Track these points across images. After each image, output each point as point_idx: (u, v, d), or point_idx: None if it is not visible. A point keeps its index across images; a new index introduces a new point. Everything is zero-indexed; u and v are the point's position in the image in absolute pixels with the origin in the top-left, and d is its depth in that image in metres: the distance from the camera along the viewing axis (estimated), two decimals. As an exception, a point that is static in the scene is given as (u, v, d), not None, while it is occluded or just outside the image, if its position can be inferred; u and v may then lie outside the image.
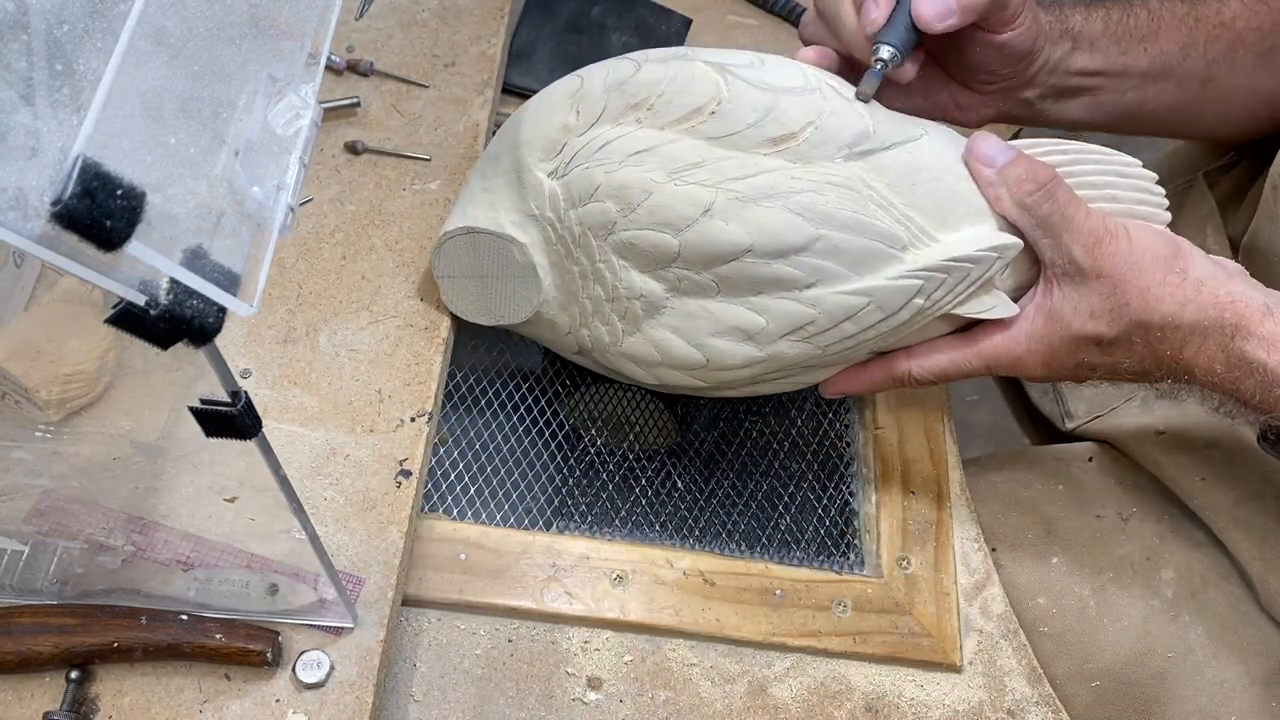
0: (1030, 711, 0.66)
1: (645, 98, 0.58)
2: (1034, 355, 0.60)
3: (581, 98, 0.60)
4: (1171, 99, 0.71)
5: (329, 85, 0.77)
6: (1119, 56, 0.69)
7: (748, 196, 0.56)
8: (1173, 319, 0.56)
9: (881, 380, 0.64)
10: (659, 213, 0.57)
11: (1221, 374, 0.56)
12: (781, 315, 0.58)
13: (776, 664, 0.66)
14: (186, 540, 0.58)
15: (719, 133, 0.57)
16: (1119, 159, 0.63)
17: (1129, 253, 0.57)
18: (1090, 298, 0.57)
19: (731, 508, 0.72)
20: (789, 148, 0.57)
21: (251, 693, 0.56)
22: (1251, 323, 0.55)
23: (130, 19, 0.32)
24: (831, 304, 0.58)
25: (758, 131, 0.57)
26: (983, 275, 0.58)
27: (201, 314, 0.32)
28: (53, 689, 0.55)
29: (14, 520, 0.57)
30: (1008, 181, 0.58)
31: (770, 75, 0.58)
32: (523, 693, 0.63)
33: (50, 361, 0.59)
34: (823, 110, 0.57)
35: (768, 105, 0.57)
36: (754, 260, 0.57)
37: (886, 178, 0.58)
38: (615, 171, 0.57)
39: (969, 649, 0.68)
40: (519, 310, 0.65)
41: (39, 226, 0.28)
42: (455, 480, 0.70)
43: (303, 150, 0.38)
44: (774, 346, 0.59)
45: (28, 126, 0.30)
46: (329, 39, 0.41)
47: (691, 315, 0.60)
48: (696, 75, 0.58)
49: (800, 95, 0.58)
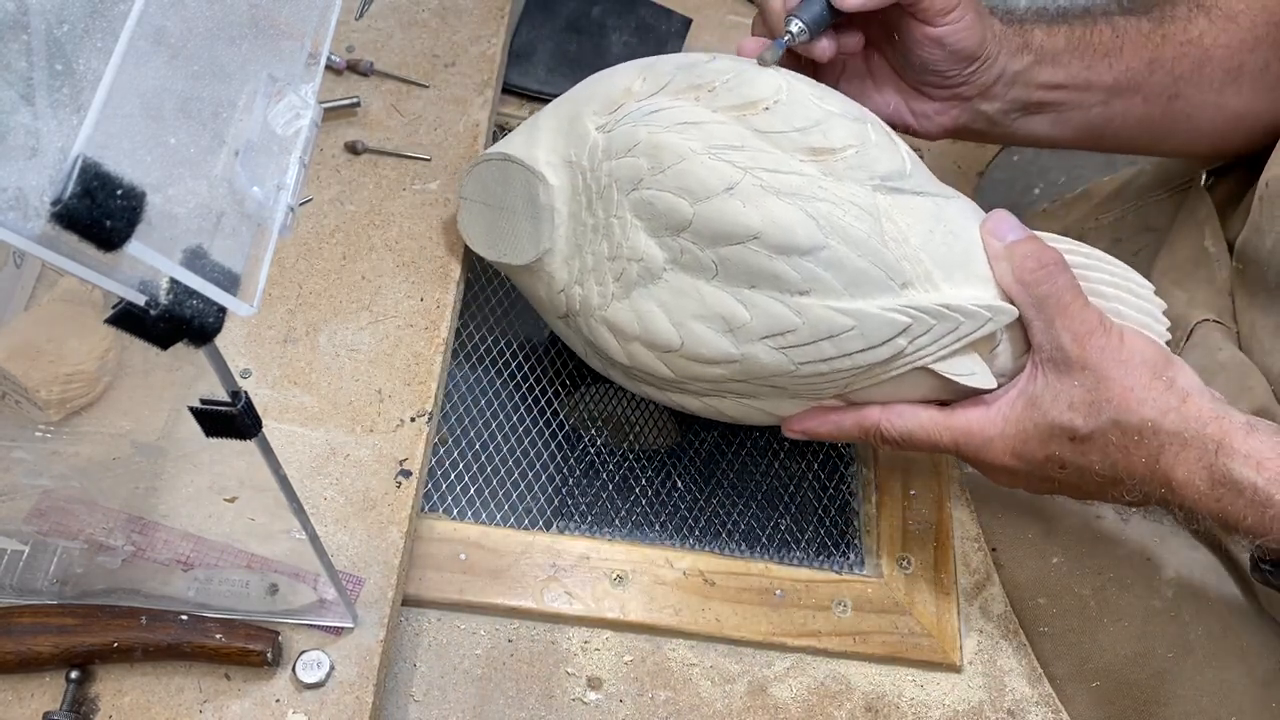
0: (1030, 711, 0.66)
1: (709, 81, 0.61)
2: (1005, 440, 0.58)
3: (650, 68, 0.63)
4: (1138, 115, 0.71)
5: (329, 85, 0.77)
6: (1083, 71, 0.69)
7: (772, 188, 0.57)
8: (1152, 424, 0.54)
9: (849, 427, 0.63)
10: (684, 178, 0.58)
11: (1204, 491, 0.54)
12: (767, 315, 0.58)
13: (776, 664, 0.66)
14: (186, 540, 0.58)
15: (766, 127, 0.59)
16: (1134, 277, 0.62)
17: (1118, 351, 0.56)
18: (1072, 388, 0.56)
19: (731, 508, 0.72)
20: (826, 161, 0.58)
21: (251, 693, 0.56)
22: (1235, 439, 0.53)
23: (130, 19, 0.32)
24: (817, 317, 0.58)
25: (802, 137, 0.59)
26: (971, 333, 0.58)
27: (201, 314, 0.32)
28: (53, 689, 0.55)
29: (14, 520, 0.57)
30: (1014, 256, 0.58)
31: (830, 97, 0.61)
32: (523, 693, 0.63)
33: (50, 361, 0.59)
34: (867, 139, 0.59)
35: (818, 118, 0.59)
36: (758, 249, 0.57)
37: (907, 218, 0.59)
38: (658, 133, 0.59)
39: (969, 649, 0.68)
40: (523, 251, 0.65)
41: (39, 226, 0.28)
42: (455, 480, 0.70)
43: (303, 150, 0.38)
44: (751, 347, 0.59)
45: (28, 126, 0.30)
46: (329, 39, 0.41)
47: (682, 292, 0.60)
48: (765, 74, 0.61)
49: (850, 120, 0.60)
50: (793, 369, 0.59)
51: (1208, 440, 0.54)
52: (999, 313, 0.58)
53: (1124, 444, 0.55)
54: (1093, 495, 0.60)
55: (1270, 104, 0.71)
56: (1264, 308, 0.67)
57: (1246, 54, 0.70)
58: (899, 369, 0.59)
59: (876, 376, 0.60)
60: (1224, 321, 0.69)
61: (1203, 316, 0.69)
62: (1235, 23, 0.70)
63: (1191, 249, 0.73)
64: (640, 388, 0.67)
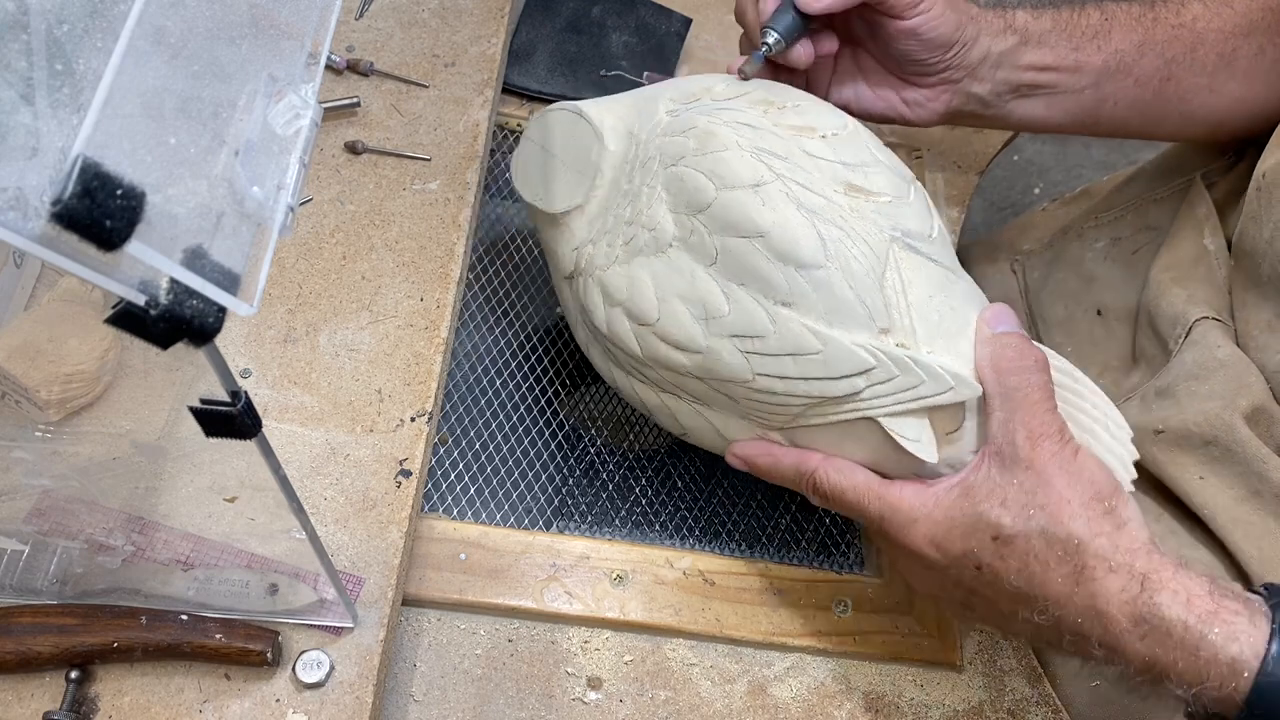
0: (1030, 711, 0.66)
1: (783, 102, 0.63)
2: (929, 524, 0.55)
3: (734, 80, 0.67)
4: (1130, 97, 0.71)
5: (329, 85, 0.77)
6: (1071, 53, 0.70)
7: (795, 198, 0.58)
8: (1079, 541, 0.50)
9: (787, 467, 0.61)
10: (720, 165, 0.59)
11: (1128, 629, 0.49)
12: (744, 314, 0.58)
13: (776, 664, 0.66)
14: (186, 540, 0.58)
15: (817, 152, 0.60)
16: (1115, 416, 0.60)
17: (1068, 462, 0.53)
18: (1009, 485, 0.53)
19: (731, 507, 0.72)
20: (858, 200, 0.59)
21: (251, 693, 0.56)
22: (1164, 574, 0.50)
23: (130, 19, 0.32)
24: (790, 331, 0.57)
25: (845, 170, 0.60)
26: (931, 396, 0.56)
27: (201, 314, 0.32)
28: (53, 689, 0.55)
29: (14, 520, 0.57)
30: (997, 344, 0.57)
31: (886, 151, 0.63)
32: (523, 693, 0.63)
33: (50, 361, 0.59)
34: (905, 195, 0.60)
35: (866, 160, 0.61)
36: (759, 248, 0.57)
37: (913, 275, 0.59)
38: (715, 124, 0.61)
39: (969, 649, 0.68)
40: (557, 201, 0.66)
41: (39, 226, 0.28)
42: (455, 480, 0.70)
43: (303, 150, 0.38)
44: (718, 342, 0.59)
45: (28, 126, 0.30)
46: (329, 39, 0.41)
47: (677, 270, 0.60)
48: (835, 111, 0.64)
49: (896, 175, 0.61)
50: (750, 378, 0.58)
51: (1135, 570, 0.50)
52: (963, 384, 0.56)
53: (1046, 557, 0.51)
54: (1000, 614, 0.55)
55: (1265, 90, 0.72)
56: (1256, 303, 0.67)
57: (1240, 39, 0.70)
58: (849, 413, 0.57)
59: (826, 415, 0.58)
60: (1223, 319, 0.69)
61: (1202, 314, 0.69)
62: (1230, 7, 0.70)
63: (1191, 247, 0.73)
64: (611, 371, 0.66)
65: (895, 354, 0.56)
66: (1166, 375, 0.69)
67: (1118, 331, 0.78)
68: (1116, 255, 0.81)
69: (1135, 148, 1.75)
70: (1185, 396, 0.68)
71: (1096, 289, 0.80)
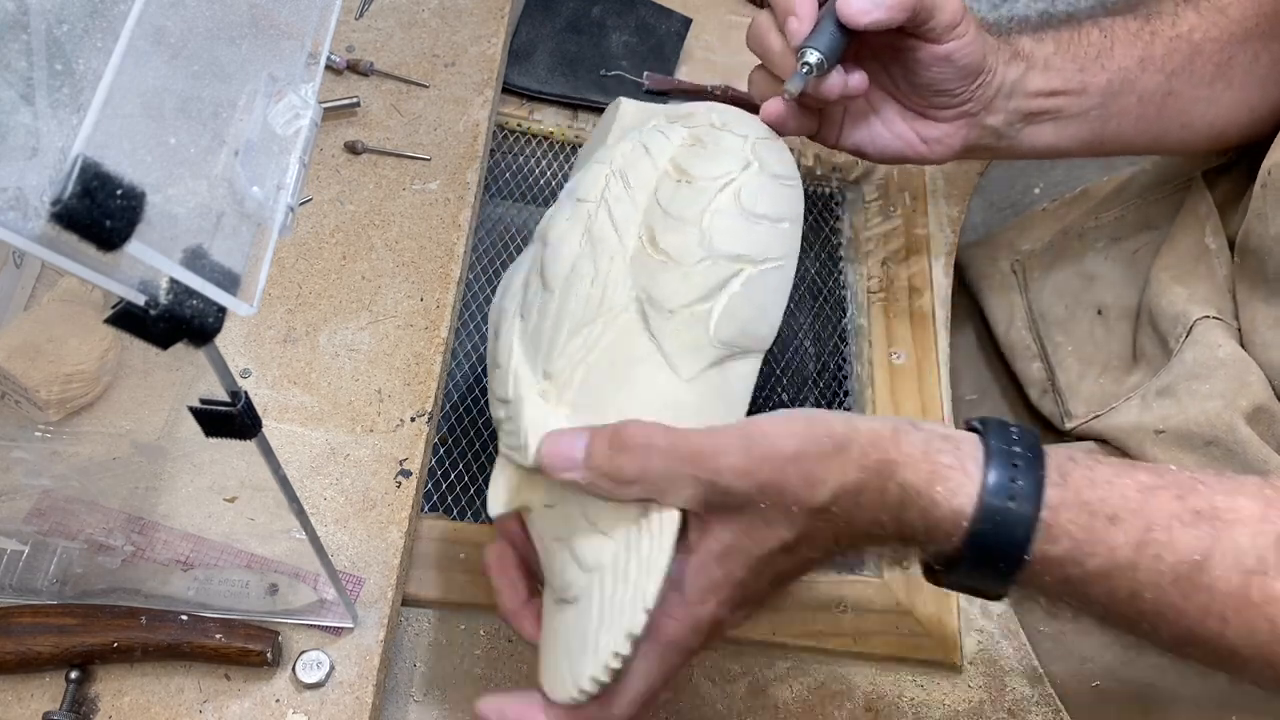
0: (1030, 711, 0.66)
1: (712, 142, 0.58)
2: (725, 604, 0.50)
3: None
4: (1135, 115, 0.71)
5: (329, 85, 0.77)
6: (1076, 74, 0.69)
7: (586, 225, 0.55)
8: (841, 488, 0.48)
9: None
10: (585, 173, 0.58)
11: (888, 521, 0.48)
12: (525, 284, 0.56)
13: (777, 664, 0.66)
14: (186, 540, 0.58)
15: (661, 195, 0.56)
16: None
17: (768, 447, 0.49)
18: (755, 514, 0.49)
19: (731, 507, 0.72)
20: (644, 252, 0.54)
21: (251, 693, 0.56)
22: (890, 451, 0.48)
23: (130, 19, 0.32)
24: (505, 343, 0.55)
25: (660, 218, 0.55)
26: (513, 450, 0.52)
27: (201, 314, 0.32)
28: (52, 689, 0.55)
29: (14, 520, 0.57)
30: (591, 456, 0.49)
31: (741, 219, 0.55)
32: (523, 693, 0.63)
33: (50, 361, 0.59)
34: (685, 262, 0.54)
35: (689, 219, 0.55)
36: (540, 250, 0.56)
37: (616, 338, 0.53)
38: (634, 134, 0.60)
39: (969, 649, 0.68)
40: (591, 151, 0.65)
41: (39, 226, 0.28)
42: (455, 480, 0.70)
43: (303, 150, 0.38)
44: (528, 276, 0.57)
45: (28, 126, 0.30)
46: (329, 39, 0.41)
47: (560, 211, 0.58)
48: (733, 160, 0.57)
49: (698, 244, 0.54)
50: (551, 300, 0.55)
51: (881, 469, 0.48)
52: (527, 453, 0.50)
53: (828, 522, 0.49)
54: (814, 572, 0.52)
55: (1262, 95, 0.72)
56: (1265, 299, 0.67)
57: (1236, 46, 0.70)
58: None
59: None
60: (1224, 318, 0.69)
61: (1203, 313, 0.69)
62: (1224, 15, 0.70)
63: (1192, 246, 0.73)
64: None
65: (517, 396, 0.52)
66: (1167, 375, 0.69)
67: (1118, 331, 0.78)
68: (1117, 255, 0.81)
69: (1135, 148, 1.75)
70: (1186, 396, 0.68)
71: (1097, 288, 0.80)
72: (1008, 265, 0.89)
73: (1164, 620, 0.47)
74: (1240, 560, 0.45)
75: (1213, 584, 0.45)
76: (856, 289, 0.84)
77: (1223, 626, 0.45)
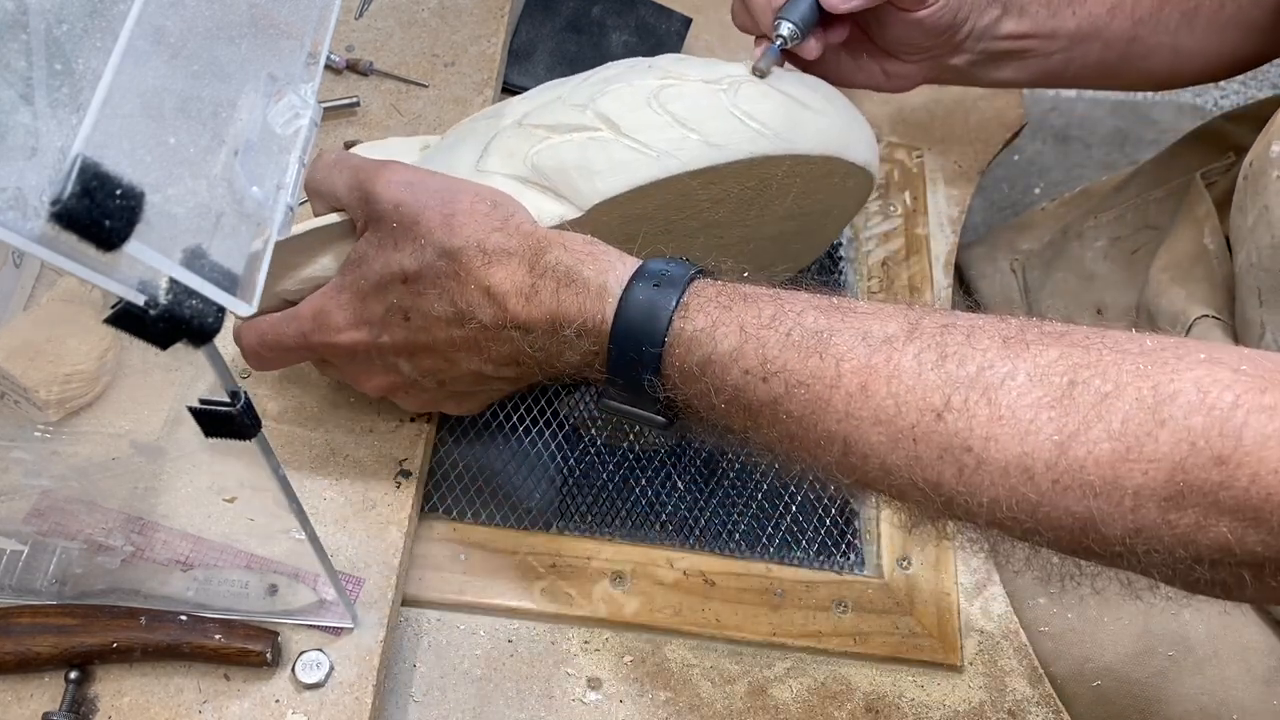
0: (1031, 711, 0.66)
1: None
2: (343, 309, 0.55)
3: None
4: (1097, 58, 0.73)
5: (329, 85, 0.77)
6: (1048, 20, 0.70)
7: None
8: (478, 243, 0.52)
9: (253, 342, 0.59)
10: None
11: (540, 313, 0.51)
12: None
13: (777, 664, 0.66)
14: (186, 540, 0.58)
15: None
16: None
17: (428, 181, 0.55)
18: (389, 236, 0.54)
19: (731, 508, 0.72)
20: None
21: (251, 693, 0.56)
22: (550, 237, 0.52)
23: (130, 19, 0.32)
24: None
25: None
26: None
27: (201, 314, 0.32)
28: (52, 689, 0.55)
29: (13, 520, 0.57)
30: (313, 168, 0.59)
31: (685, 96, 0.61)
32: (523, 693, 0.63)
33: (50, 361, 0.59)
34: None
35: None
36: None
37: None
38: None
39: (969, 649, 0.68)
40: None
41: (38, 226, 0.28)
42: (455, 480, 0.70)
43: (302, 150, 0.38)
44: None
45: (27, 126, 0.30)
46: (329, 39, 0.41)
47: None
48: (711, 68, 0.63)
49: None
50: None
51: (531, 245, 0.52)
52: None
53: (454, 270, 0.52)
54: (444, 356, 0.56)
55: (1220, 42, 0.73)
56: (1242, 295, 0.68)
57: None
58: None
59: None
60: (1223, 318, 0.69)
61: (1201, 313, 0.69)
62: None
63: (1191, 246, 0.73)
64: None
65: None
66: (1167, 374, 0.69)
67: (1118, 330, 0.78)
68: (1116, 255, 0.81)
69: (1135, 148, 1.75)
70: None
71: (1096, 288, 0.81)
72: (1008, 265, 0.89)
73: (793, 400, 0.47)
74: (868, 338, 0.46)
75: (840, 355, 0.46)
76: (856, 289, 0.84)
77: (846, 403, 0.46)
